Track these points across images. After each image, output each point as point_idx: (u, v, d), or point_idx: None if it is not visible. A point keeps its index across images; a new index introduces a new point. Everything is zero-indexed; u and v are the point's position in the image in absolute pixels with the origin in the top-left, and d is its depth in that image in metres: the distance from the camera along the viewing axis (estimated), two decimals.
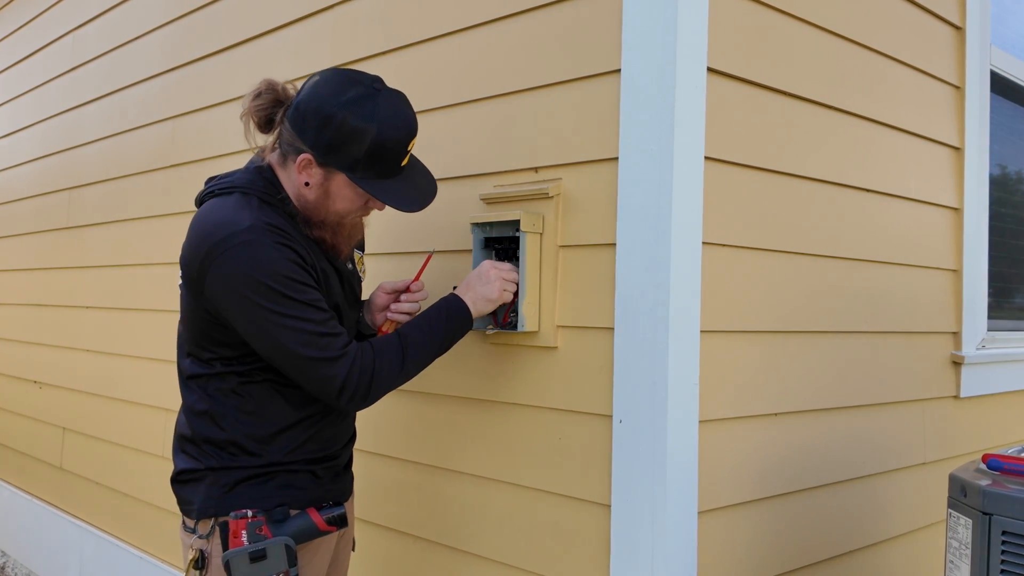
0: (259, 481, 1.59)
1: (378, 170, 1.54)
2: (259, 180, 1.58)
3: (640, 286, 1.65)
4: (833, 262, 2.06)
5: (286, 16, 2.59)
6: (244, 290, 1.46)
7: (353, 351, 1.53)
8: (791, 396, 1.93)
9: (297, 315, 1.47)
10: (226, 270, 1.47)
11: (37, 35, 4.35)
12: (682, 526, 1.63)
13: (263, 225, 1.49)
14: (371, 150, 1.50)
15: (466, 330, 1.69)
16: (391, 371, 1.57)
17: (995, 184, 2.75)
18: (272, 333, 1.48)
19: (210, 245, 1.48)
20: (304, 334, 1.48)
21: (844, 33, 2.05)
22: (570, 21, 1.81)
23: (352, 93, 1.50)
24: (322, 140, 1.50)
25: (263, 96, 1.57)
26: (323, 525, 1.59)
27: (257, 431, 1.59)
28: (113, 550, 3.40)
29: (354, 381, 1.51)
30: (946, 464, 2.38)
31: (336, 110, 1.49)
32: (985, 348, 2.59)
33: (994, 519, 1.40)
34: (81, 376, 3.72)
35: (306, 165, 1.54)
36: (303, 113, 1.52)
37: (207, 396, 1.61)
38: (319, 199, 1.57)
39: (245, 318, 1.49)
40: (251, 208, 1.52)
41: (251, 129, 1.60)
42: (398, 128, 1.53)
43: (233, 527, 1.54)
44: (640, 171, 1.66)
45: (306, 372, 1.51)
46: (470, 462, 1.98)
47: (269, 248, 1.47)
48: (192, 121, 3.06)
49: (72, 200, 3.89)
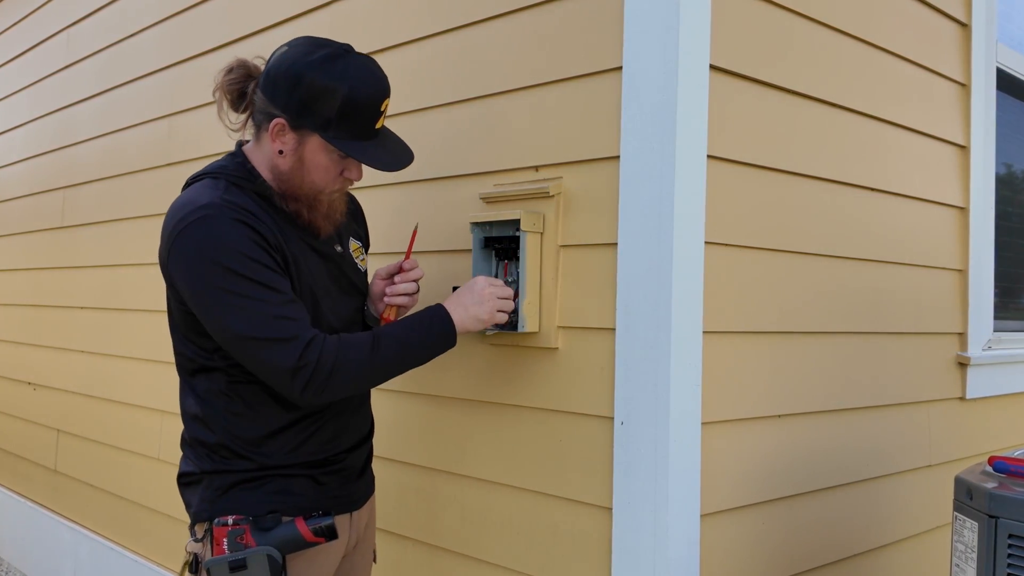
0: (254, 486, 1.55)
1: (351, 130, 1.52)
2: (230, 164, 1.58)
3: (642, 286, 1.64)
4: (837, 262, 2.05)
5: (282, 13, 2.59)
6: (197, 267, 1.44)
7: (310, 336, 1.45)
8: (795, 398, 1.93)
9: (249, 294, 1.43)
10: (182, 248, 1.46)
11: (31, 32, 4.35)
12: (684, 529, 1.62)
13: (221, 201, 1.48)
14: (343, 108, 1.49)
15: (449, 346, 1.62)
16: (357, 366, 1.49)
17: (1001, 183, 2.75)
18: (221, 312, 1.44)
19: (171, 228, 1.48)
20: (254, 314, 1.43)
21: (848, 30, 2.05)
22: (571, 18, 1.80)
23: (321, 53, 1.51)
24: (293, 100, 1.50)
25: (235, 71, 1.58)
26: (309, 536, 1.53)
27: (247, 433, 1.56)
28: (108, 553, 3.40)
29: (310, 368, 1.43)
30: (952, 467, 2.38)
31: (305, 69, 1.49)
32: (991, 349, 2.59)
33: (1000, 522, 1.40)
34: (75, 377, 3.72)
35: (280, 131, 1.52)
36: (274, 78, 1.52)
37: (198, 398, 1.58)
38: (293, 168, 1.55)
39: (197, 297, 1.46)
40: (217, 189, 1.51)
41: (224, 107, 1.60)
42: (369, 86, 1.52)
43: (216, 534, 1.50)
44: (642, 169, 1.65)
45: (255, 355, 1.45)
46: (470, 465, 1.96)
47: (225, 224, 1.45)
48: (189, 119, 3.06)
49: (66, 199, 3.89)
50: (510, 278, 1.83)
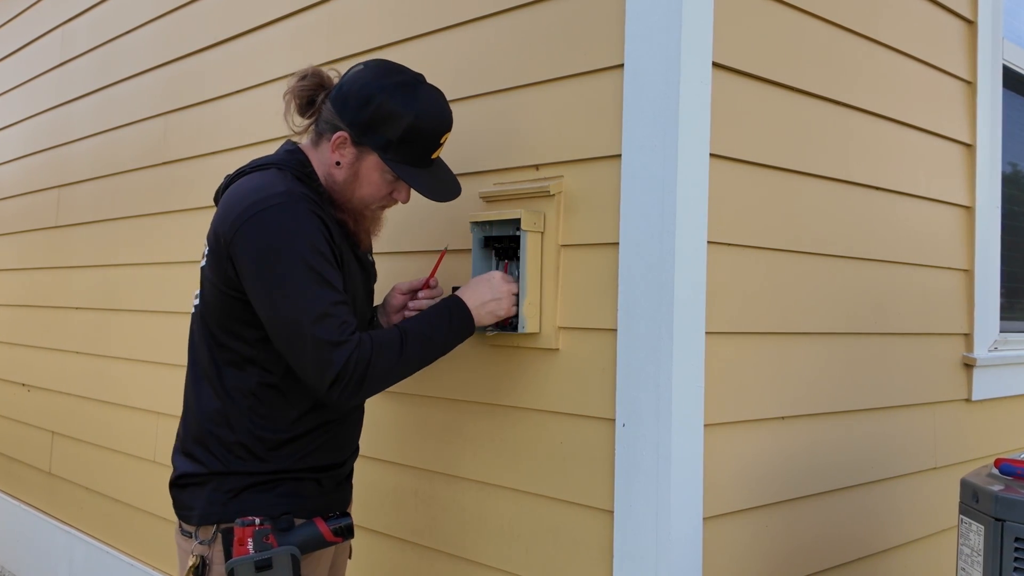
0: (264, 488, 1.58)
1: (409, 156, 1.61)
2: (292, 159, 1.64)
3: (643, 286, 1.64)
4: (841, 262, 2.05)
5: (281, 9, 2.59)
6: (268, 251, 1.47)
7: (356, 340, 1.50)
8: (798, 399, 1.92)
9: (313, 288, 1.47)
10: (255, 230, 1.49)
11: (25, 30, 4.35)
12: (687, 533, 1.62)
13: (299, 193, 1.54)
14: (405, 134, 1.58)
15: (466, 337, 1.68)
16: (387, 367, 1.53)
17: (1007, 181, 2.76)
18: (282, 301, 1.47)
19: (243, 207, 1.51)
20: (315, 310, 1.46)
21: (852, 27, 2.04)
22: (572, 15, 1.80)
23: (396, 79, 1.60)
24: (360, 117, 1.58)
25: (308, 78, 1.65)
26: (330, 535, 1.60)
27: (268, 435, 1.59)
28: (103, 557, 3.39)
29: (349, 372, 1.48)
30: (957, 469, 2.38)
31: (378, 91, 1.58)
32: (997, 350, 2.59)
33: (1007, 525, 1.39)
34: (70, 379, 3.72)
35: (341, 143, 1.60)
36: (346, 93, 1.60)
37: (223, 392, 1.59)
38: (347, 180, 1.63)
39: (261, 281, 1.48)
40: (287, 180, 1.57)
41: (291, 110, 1.66)
42: (435, 118, 1.62)
43: (239, 534, 1.53)
44: (643, 168, 1.65)
45: (306, 352, 1.47)
46: (469, 467, 1.96)
47: (303, 214, 1.50)
48: (185, 117, 3.06)
49: (61, 198, 3.89)
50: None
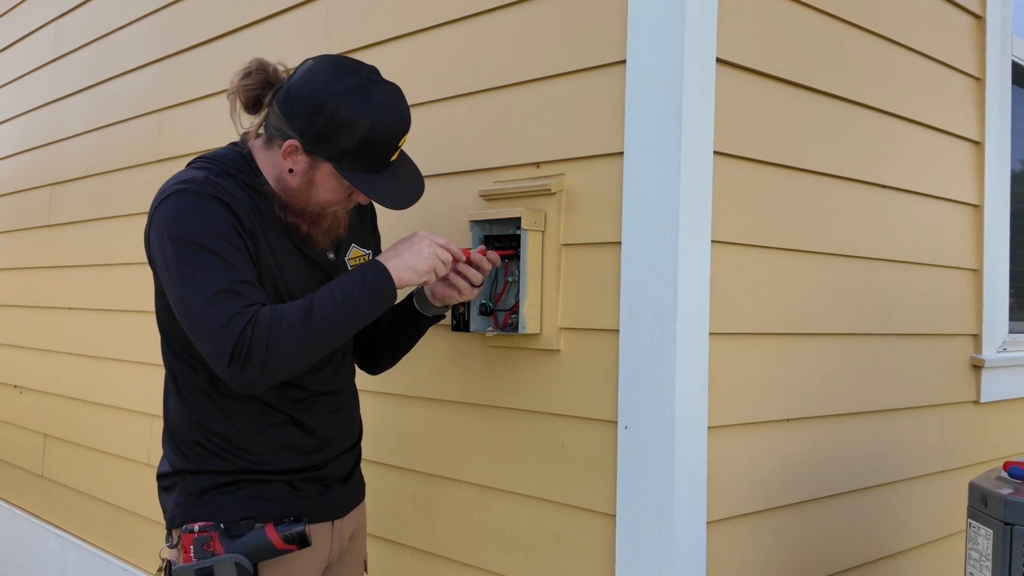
0: (228, 491, 1.54)
1: (366, 163, 1.52)
2: (231, 155, 1.57)
3: (646, 286, 1.63)
4: (848, 261, 2.04)
5: (278, 4, 2.58)
6: (166, 235, 1.44)
7: (252, 312, 1.39)
8: (804, 401, 1.92)
9: (208, 267, 1.40)
10: (158, 217, 1.47)
11: (17, 25, 4.35)
12: (690, 537, 1.61)
13: (203, 179, 1.48)
14: (361, 143, 1.48)
15: (390, 299, 1.54)
16: (293, 336, 1.40)
17: (1016, 180, 2.76)
18: (179, 282, 1.42)
19: (154, 200, 1.50)
20: (210, 287, 1.39)
21: (859, 22, 2.04)
22: (573, 10, 1.80)
23: (347, 82, 1.48)
24: (311, 128, 1.48)
25: (253, 76, 1.55)
26: (279, 543, 1.50)
27: (224, 432, 1.55)
28: (96, 561, 3.39)
29: (246, 344, 1.36)
30: (966, 472, 2.37)
31: (329, 99, 1.47)
32: (1006, 351, 2.59)
33: (1016, 529, 1.39)
34: (63, 381, 3.71)
35: (292, 151, 1.51)
36: (294, 99, 1.50)
37: (177, 390, 1.58)
38: (301, 187, 1.54)
39: (164, 266, 1.45)
40: (204, 171, 1.51)
41: (237, 109, 1.57)
42: (391, 123, 1.51)
43: (183, 541, 1.51)
44: (646, 166, 1.65)
45: (201, 331, 1.40)
46: (469, 470, 1.95)
47: (200, 198, 1.45)
48: (180, 114, 3.05)
49: (53, 197, 3.88)
50: (510, 278, 1.82)
